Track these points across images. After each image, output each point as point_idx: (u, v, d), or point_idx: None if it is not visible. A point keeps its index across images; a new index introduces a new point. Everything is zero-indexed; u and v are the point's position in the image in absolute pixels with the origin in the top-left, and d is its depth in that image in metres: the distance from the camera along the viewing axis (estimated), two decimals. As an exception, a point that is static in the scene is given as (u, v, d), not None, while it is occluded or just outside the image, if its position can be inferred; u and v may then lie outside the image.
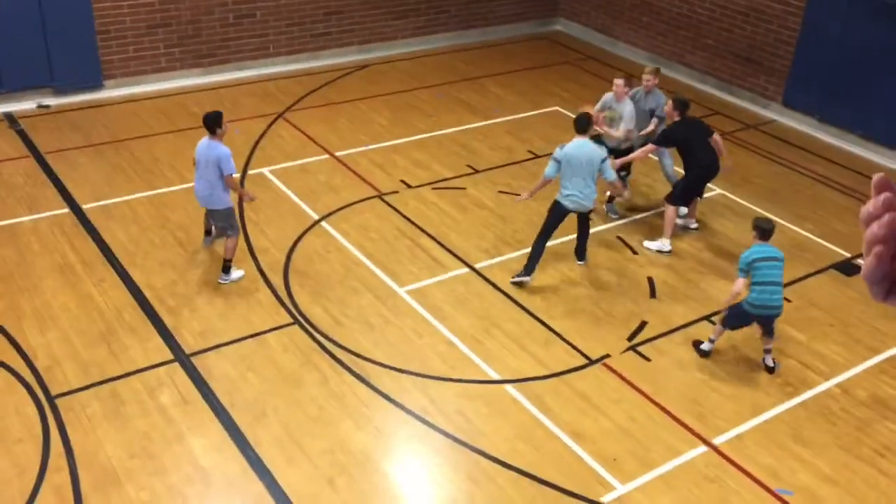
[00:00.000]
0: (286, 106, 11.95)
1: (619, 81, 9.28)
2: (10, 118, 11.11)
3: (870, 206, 0.95)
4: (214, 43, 12.63)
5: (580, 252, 8.77)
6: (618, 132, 9.29)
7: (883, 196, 0.94)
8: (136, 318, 7.59)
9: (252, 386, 6.92)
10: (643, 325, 7.97)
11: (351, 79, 13.09)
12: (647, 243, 9.16)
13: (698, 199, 9.48)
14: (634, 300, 8.33)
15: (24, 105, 11.45)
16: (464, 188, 10.12)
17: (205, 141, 7.82)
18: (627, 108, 9.28)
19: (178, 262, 8.42)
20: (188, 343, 7.34)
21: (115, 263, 8.32)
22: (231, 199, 7.98)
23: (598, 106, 9.52)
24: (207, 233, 8.61)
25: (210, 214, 8.20)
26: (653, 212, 9.84)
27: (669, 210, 9.04)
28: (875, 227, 0.92)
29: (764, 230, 7.21)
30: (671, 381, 7.31)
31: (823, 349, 7.79)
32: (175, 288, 8.03)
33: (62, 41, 11.40)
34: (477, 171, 10.51)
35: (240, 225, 8.50)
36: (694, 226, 9.58)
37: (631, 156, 9.20)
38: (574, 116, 8.51)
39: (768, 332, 7.37)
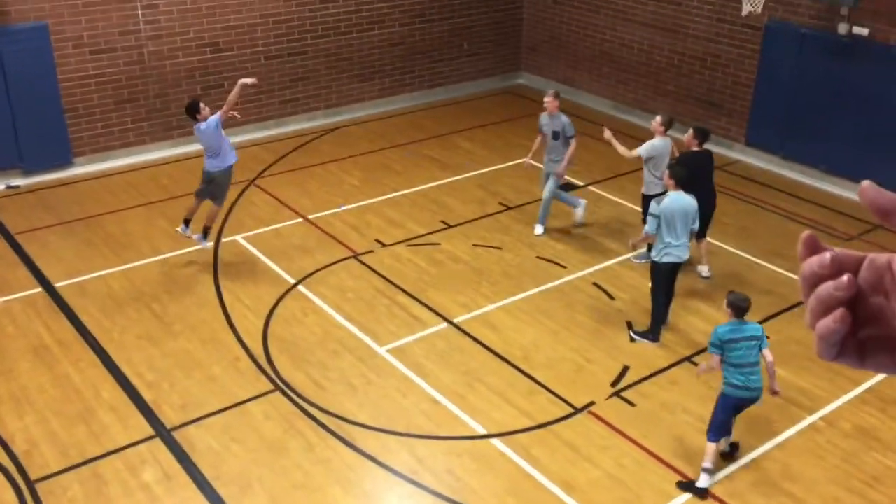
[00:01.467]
0: (257, 172, 12.01)
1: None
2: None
3: (814, 266, 0.91)
4: (183, 115, 12.67)
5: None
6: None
7: (829, 254, 0.92)
8: (115, 396, 7.48)
9: (236, 457, 6.81)
10: (625, 370, 7.99)
11: (320, 142, 13.21)
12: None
13: (704, 241, 9.39)
14: (615, 345, 8.35)
15: (-7, 186, 11.41)
16: (438, 244, 10.18)
17: (196, 127, 9.09)
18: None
19: (156, 335, 8.34)
20: (169, 417, 7.23)
21: (92, 341, 8.22)
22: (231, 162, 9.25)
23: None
24: (186, 222, 9.45)
25: (211, 180, 9.28)
26: (625, 257, 9.93)
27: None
28: (832, 289, 0.89)
29: (739, 308, 6.43)
30: (658, 424, 7.30)
31: (805, 384, 7.84)
32: (153, 362, 7.94)
33: (30, 121, 11.42)
34: (450, 226, 10.59)
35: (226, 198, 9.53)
36: (706, 274, 9.46)
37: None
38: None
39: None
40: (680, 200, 8.12)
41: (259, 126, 13.42)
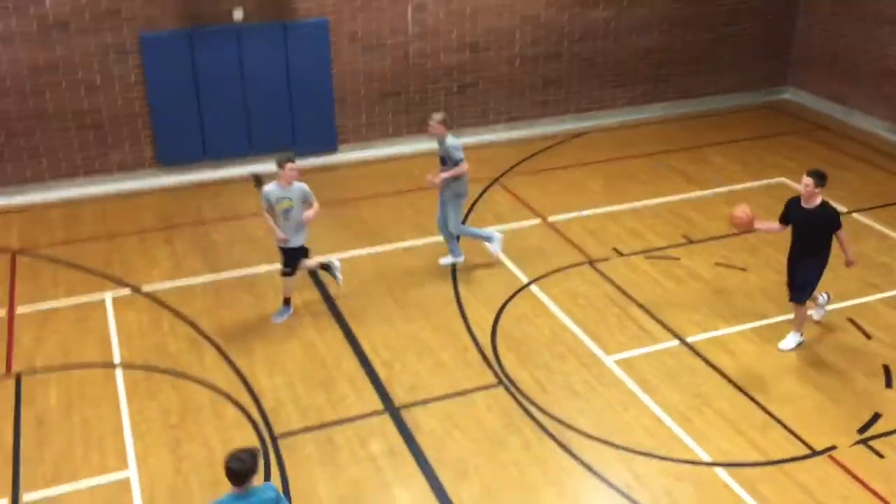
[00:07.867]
0: (501, 171, 12.29)
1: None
2: (256, 178, 12.26)
3: None
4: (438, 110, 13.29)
5: None
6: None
7: None
8: (353, 368, 8.01)
9: (457, 443, 7.04)
10: (877, 416, 7.27)
11: (566, 146, 13.25)
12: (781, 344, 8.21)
13: None
14: (866, 388, 7.62)
15: (268, 166, 12.61)
16: (678, 258, 9.84)
17: None
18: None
19: (394, 316, 8.81)
20: (398, 396, 7.62)
21: (338, 315, 8.86)
22: None
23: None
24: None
25: None
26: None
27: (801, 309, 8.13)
28: None
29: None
30: (909, 482, 6.58)
31: None
32: (388, 341, 8.41)
33: (304, 109, 12.50)
34: (693, 242, 10.20)
35: None
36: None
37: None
38: None
39: None
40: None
41: (509, 126, 13.72)
